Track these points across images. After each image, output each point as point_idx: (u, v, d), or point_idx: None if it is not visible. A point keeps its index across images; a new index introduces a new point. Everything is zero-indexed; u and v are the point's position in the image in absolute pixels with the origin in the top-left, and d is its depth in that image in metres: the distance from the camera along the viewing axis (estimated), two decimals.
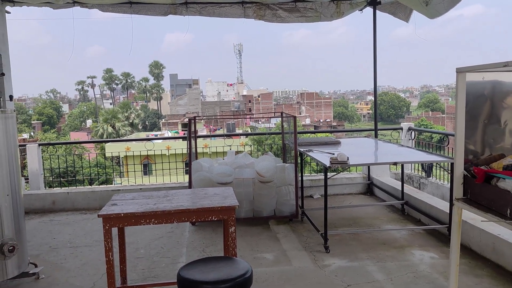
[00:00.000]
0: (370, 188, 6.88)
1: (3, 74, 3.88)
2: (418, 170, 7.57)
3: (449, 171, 5.26)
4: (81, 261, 4.49)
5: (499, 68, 2.48)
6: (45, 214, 6.35)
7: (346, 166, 4.63)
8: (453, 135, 3.30)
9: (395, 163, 4.90)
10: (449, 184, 5.97)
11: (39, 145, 7.33)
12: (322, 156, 4.87)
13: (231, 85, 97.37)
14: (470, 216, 4.48)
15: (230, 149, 6.70)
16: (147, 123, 71.76)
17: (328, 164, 4.37)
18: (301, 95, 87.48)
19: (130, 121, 61.38)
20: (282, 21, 6.60)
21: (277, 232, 5.14)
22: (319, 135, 8.87)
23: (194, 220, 3.14)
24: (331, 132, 10.46)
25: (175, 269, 4.17)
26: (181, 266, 4.16)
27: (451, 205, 3.07)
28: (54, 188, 7.45)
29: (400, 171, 6.21)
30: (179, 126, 51.45)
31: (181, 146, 14.40)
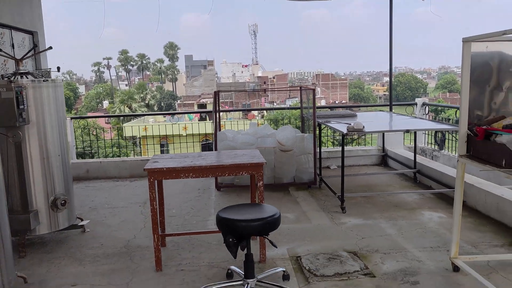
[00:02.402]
0: (384, 159, 7.22)
1: (50, 48, 4.30)
2: (431, 143, 7.87)
3: None
4: (119, 218, 4.98)
5: (499, 37, 2.80)
6: (80, 181, 6.86)
7: (362, 134, 4.99)
8: None
9: (407, 131, 5.24)
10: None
11: (71, 118, 7.84)
12: (339, 125, 5.24)
13: (246, 66, 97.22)
14: (478, 180, 4.86)
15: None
16: (162, 104, 72.39)
17: (345, 131, 4.73)
18: (316, 77, 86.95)
19: (146, 102, 62.03)
20: None
21: (297, 197, 5.55)
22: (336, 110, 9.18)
23: (227, 174, 3.55)
24: (348, 107, 10.80)
25: (205, 226, 4.63)
26: (210, 222, 4.62)
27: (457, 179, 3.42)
28: (88, 159, 7.96)
29: (413, 144, 6.53)
30: (195, 107, 51.93)
31: (197, 127, 14.82)
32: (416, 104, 7.88)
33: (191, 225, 4.67)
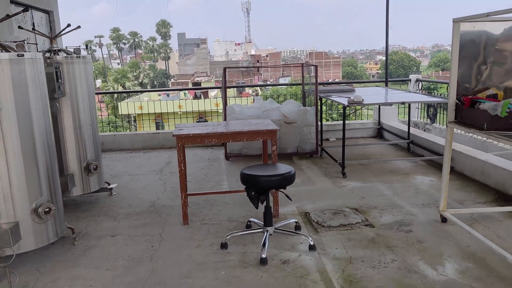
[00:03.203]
0: (380, 132, 7.74)
1: (79, 27, 4.69)
2: (423, 117, 8.39)
3: None
4: (141, 184, 5.46)
5: (484, 17, 3.26)
6: None
7: (362, 105, 5.47)
8: None
9: (402, 103, 5.74)
10: None
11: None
12: (341, 99, 5.71)
13: (239, 44, 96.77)
14: (465, 148, 5.39)
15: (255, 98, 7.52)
16: (155, 83, 72.16)
17: (346, 103, 5.22)
18: (309, 55, 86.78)
19: (140, 80, 61.88)
20: None
21: (301, 165, 6.06)
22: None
23: (245, 140, 4.03)
24: (346, 83, 11.28)
25: (220, 189, 5.12)
26: (224, 186, 5.12)
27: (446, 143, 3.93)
28: (101, 132, 8.39)
29: (407, 117, 7.03)
30: (189, 85, 51.97)
31: (192, 105, 15.14)
32: (410, 80, 8.36)
33: (207, 188, 5.17)
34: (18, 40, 3.82)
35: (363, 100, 5.27)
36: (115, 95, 51.78)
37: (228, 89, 6.99)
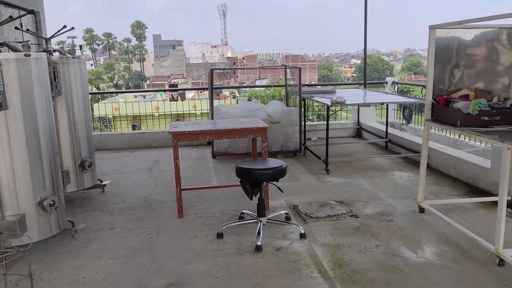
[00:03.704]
0: (359, 132, 8.09)
1: (72, 28, 4.83)
2: (399, 118, 8.79)
3: None
4: (131, 181, 5.62)
5: (457, 25, 3.59)
6: None
7: (344, 105, 5.77)
8: None
9: (382, 103, 6.09)
10: None
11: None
12: (323, 99, 6.01)
13: (215, 46, 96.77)
14: (440, 146, 5.77)
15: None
16: (130, 85, 71.41)
17: (329, 103, 5.51)
18: (285, 58, 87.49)
19: (115, 82, 61.24)
20: None
21: (285, 163, 6.30)
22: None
23: (237, 137, 4.26)
24: (327, 84, 11.65)
25: (210, 185, 5.32)
26: (214, 182, 5.32)
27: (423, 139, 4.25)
28: None
29: (385, 117, 7.40)
30: (166, 87, 51.72)
31: (169, 107, 15.17)
32: (386, 82, 8.75)
33: (197, 185, 5.36)
34: (17, 41, 3.96)
35: (345, 100, 5.57)
36: (89, 96, 51.31)
37: (204, 91, 7.20)
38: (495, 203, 3.70)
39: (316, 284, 2.97)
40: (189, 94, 29.81)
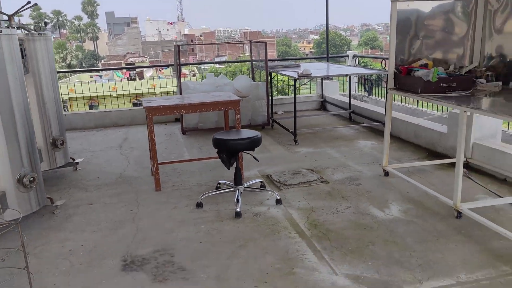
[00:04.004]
0: (323, 104, 8.35)
1: (35, 4, 4.71)
2: (361, 91, 9.12)
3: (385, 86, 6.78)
4: (103, 159, 5.63)
5: None
6: None
7: (310, 78, 5.96)
8: (388, 59, 4.68)
9: (346, 75, 6.33)
10: (384, 99, 7.54)
11: None
12: (290, 73, 6.18)
13: (171, 24, 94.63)
14: (400, 115, 6.09)
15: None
16: (84, 65, 68.97)
17: (296, 76, 5.68)
18: (244, 34, 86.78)
19: (68, 62, 59.03)
20: None
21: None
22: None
23: (211, 110, 4.36)
24: (291, 59, 11.77)
25: (183, 159, 5.43)
26: (186, 157, 5.43)
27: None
28: None
29: (349, 89, 7.67)
30: (123, 66, 50.36)
31: (127, 87, 14.85)
32: (347, 56, 9.02)
33: (170, 159, 5.45)
34: None
35: (311, 73, 5.77)
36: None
37: (163, 69, 7.20)
38: (452, 165, 4.04)
39: (295, 243, 3.19)
40: (147, 73, 29.21)
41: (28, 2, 4.48)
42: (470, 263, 2.85)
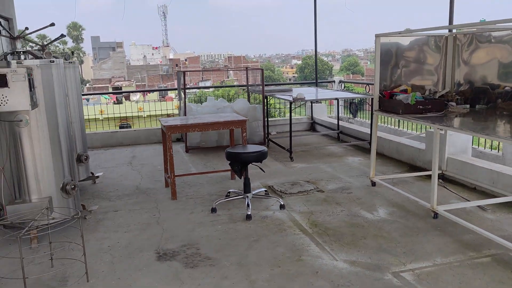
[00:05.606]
0: (313, 126, 9.07)
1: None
2: (347, 113, 9.90)
3: (370, 109, 7.53)
4: (118, 174, 6.18)
5: (397, 34, 4.58)
6: None
7: (304, 101, 6.66)
8: (373, 84, 5.41)
9: (336, 98, 7.06)
10: (369, 121, 8.30)
11: None
12: (285, 96, 6.89)
13: (156, 48, 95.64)
14: (384, 134, 6.82)
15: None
16: None
17: (292, 99, 6.39)
18: (228, 59, 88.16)
19: None
20: None
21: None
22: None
23: (221, 128, 5.00)
24: (283, 84, 12.48)
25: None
26: (194, 171, 5.96)
27: (372, 127, 5.22)
28: None
29: (336, 111, 8.41)
30: (109, 90, 50.79)
31: (115, 110, 15.27)
32: (334, 81, 9.82)
33: (178, 173, 6.03)
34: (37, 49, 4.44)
35: (305, 97, 6.48)
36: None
37: (148, 93, 7.84)
38: (429, 177, 4.73)
39: (300, 238, 3.81)
40: (134, 97, 29.73)
41: (62, 35, 5.10)
42: (444, 250, 3.50)
